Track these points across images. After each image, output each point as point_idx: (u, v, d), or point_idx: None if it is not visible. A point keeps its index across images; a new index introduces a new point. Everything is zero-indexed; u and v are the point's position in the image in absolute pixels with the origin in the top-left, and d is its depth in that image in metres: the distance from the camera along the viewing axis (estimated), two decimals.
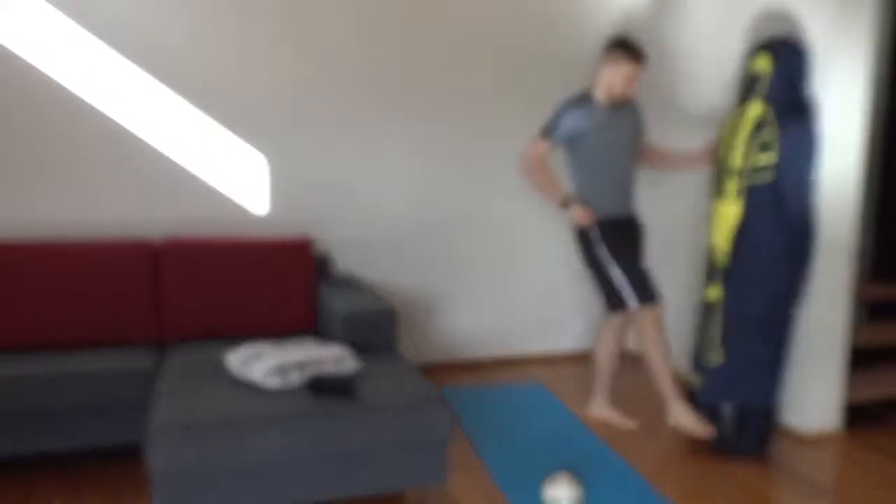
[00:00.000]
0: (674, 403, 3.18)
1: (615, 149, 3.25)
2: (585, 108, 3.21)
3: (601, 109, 3.22)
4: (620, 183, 3.29)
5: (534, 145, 3.27)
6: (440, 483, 2.53)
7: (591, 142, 3.21)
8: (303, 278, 3.48)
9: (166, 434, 2.18)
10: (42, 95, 3.43)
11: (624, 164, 3.29)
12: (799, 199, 3.00)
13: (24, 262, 3.12)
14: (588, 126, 3.19)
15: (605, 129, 3.21)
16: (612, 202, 3.27)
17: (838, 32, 3.07)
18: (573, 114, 3.20)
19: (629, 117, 3.31)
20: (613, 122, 3.24)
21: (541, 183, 3.26)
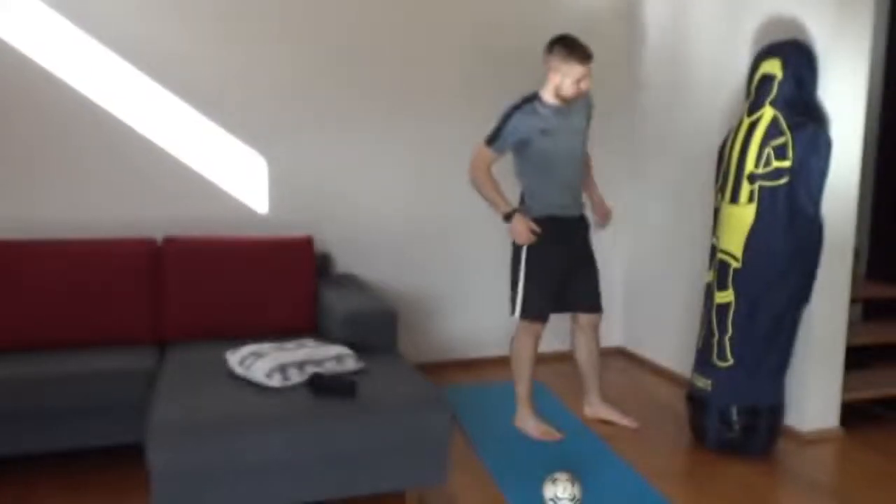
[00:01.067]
0: (521, 407, 3.28)
1: (564, 151, 3.13)
2: (531, 112, 3.06)
3: (549, 112, 3.08)
4: (570, 184, 3.20)
5: (478, 153, 3.13)
6: (440, 483, 2.53)
7: (538, 146, 3.08)
8: (303, 278, 3.48)
9: (166, 434, 2.18)
10: (42, 96, 3.42)
11: (574, 164, 3.18)
12: (812, 203, 3.01)
13: (25, 262, 3.12)
14: (535, 131, 3.05)
15: (552, 133, 3.08)
16: (559, 204, 3.18)
17: (837, 34, 3.07)
18: (518, 119, 3.05)
19: (580, 115, 3.18)
20: (562, 124, 3.10)
21: (487, 192, 3.11)
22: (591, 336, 3.39)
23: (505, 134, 3.07)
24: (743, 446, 3.08)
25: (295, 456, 2.31)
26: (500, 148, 3.10)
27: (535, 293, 3.15)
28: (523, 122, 3.05)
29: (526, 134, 3.06)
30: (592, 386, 3.45)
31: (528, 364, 3.26)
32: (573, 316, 3.39)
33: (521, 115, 3.06)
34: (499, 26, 4.13)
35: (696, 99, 3.91)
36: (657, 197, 4.28)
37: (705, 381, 3.16)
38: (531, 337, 3.23)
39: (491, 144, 3.10)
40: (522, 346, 3.25)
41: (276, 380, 2.53)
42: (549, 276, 3.17)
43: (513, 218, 3.06)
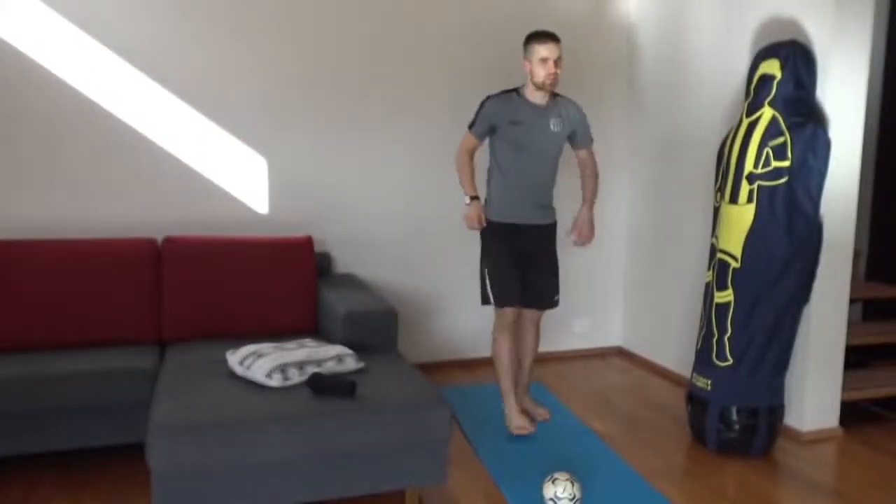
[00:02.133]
0: (507, 399, 3.30)
1: (532, 148, 3.18)
2: (506, 99, 3.19)
3: (523, 105, 3.18)
4: (531, 187, 3.23)
5: (464, 138, 3.27)
6: (440, 483, 2.53)
7: (505, 134, 3.18)
8: (303, 278, 3.48)
9: (166, 434, 2.18)
10: (42, 96, 3.42)
11: (538, 166, 3.22)
12: (811, 203, 3.01)
13: (25, 262, 3.12)
14: (504, 117, 3.16)
15: (522, 126, 3.16)
16: (514, 208, 3.24)
17: (837, 34, 3.07)
18: (491, 105, 3.19)
19: (557, 118, 3.21)
20: (535, 120, 3.17)
21: (461, 175, 3.25)
22: (531, 330, 3.43)
23: (480, 118, 3.21)
24: (743, 446, 3.09)
25: (295, 456, 2.31)
26: (478, 132, 3.23)
27: (498, 283, 3.25)
28: (495, 108, 3.18)
29: (495, 119, 3.18)
30: (521, 379, 3.45)
31: (508, 354, 3.29)
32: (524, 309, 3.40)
33: (494, 101, 3.20)
34: (499, 28, 4.13)
35: (696, 99, 3.91)
36: (656, 197, 4.28)
37: (705, 381, 3.16)
38: (506, 329, 3.28)
39: (471, 128, 3.24)
40: (496, 343, 3.30)
41: (276, 380, 2.53)
42: (507, 269, 3.26)
43: (471, 203, 3.20)
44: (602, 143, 4.46)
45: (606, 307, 4.63)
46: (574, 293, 4.52)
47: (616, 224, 4.58)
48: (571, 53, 4.33)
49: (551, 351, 4.51)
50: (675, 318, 4.13)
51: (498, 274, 3.24)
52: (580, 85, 4.36)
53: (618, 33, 4.41)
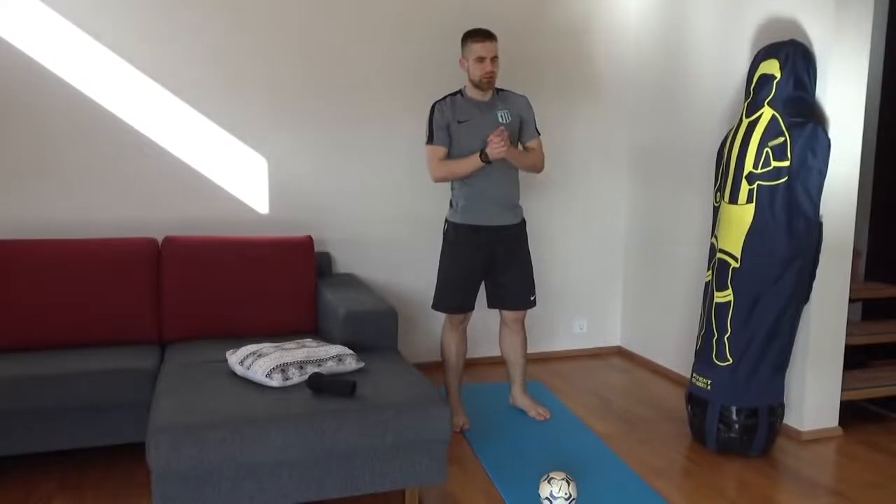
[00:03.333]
0: (452, 399, 3.37)
1: (477, 143, 3.12)
2: (451, 101, 3.20)
3: (467, 104, 3.18)
4: (492, 186, 3.19)
5: (427, 155, 3.22)
6: (440, 483, 2.53)
7: (456, 136, 3.17)
8: (303, 278, 3.48)
9: (166, 434, 2.18)
10: (43, 96, 3.43)
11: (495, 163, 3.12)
12: (811, 202, 3.01)
13: (26, 262, 3.12)
14: (452, 118, 3.16)
15: (468, 124, 3.15)
16: (477, 209, 3.21)
17: (837, 34, 3.07)
18: (438, 111, 3.18)
19: (504, 111, 3.20)
20: (480, 117, 3.17)
21: (455, 167, 3.15)
22: (515, 330, 3.44)
23: (435, 127, 3.19)
24: (742, 446, 3.09)
25: (295, 456, 2.31)
26: (440, 139, 3.18)
27: (446, 290, 3.30)
28: (441, 113, 3.18)
29: (445, 123, 3.17)
30: (515, 377, 3.51)
31: (449, 357, 3.36)
32: (500, 312, 3.43)
33: (439, 107, 3.20)
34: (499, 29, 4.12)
35: (696, 99, 3.92)
36: (656, 197, 4.28)
37: (705, 381, 3.16)
38: (450, 329, 3.36)
39: (431, 142, 3.20)
40: (443, 339, 3.39)
41: (276, 379, 2.53)
42: (461, 277, 3.27)
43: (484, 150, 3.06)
44: (602, 143, 4.48)
45: (606, 307, 4.64)
46: (574, 293, 4.53)
47: (616, 224, 4.58)
48: (572, 53, 4.33)
49: (551, 351, 4.52)
50: (675, 318, 4.13)
51: (446, 278, 3.29)
52: (580, 85, 4.37)
53: (618, 33, 4.41)
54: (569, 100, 4.37)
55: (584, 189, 4.47)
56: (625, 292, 4.62)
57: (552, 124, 4.32)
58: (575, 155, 4.43)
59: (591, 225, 4.52)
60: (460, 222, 3.25)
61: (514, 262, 3.32)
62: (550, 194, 4.37)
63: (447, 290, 3.30)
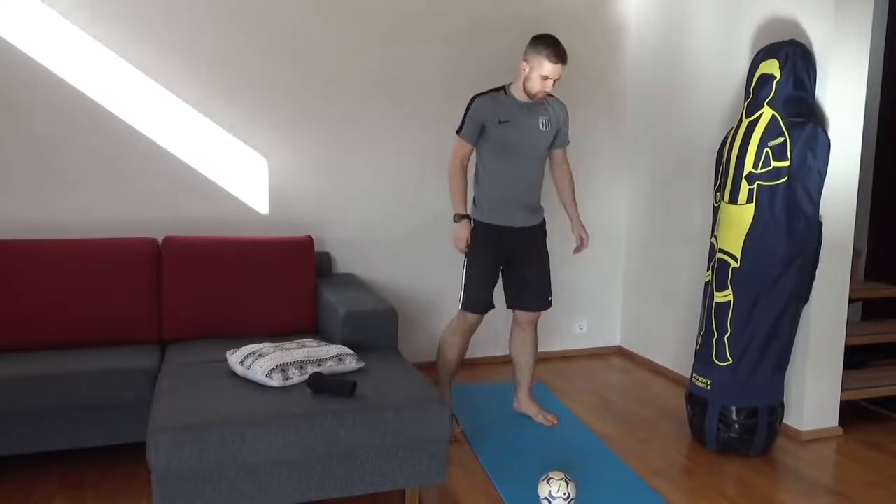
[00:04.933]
0: (444, 392, 3.33)
1: (521, 147, 3.11)
2: (494, 98, 3.11)
3: (512, 104, 3.10)
4: (519, 188, 3.17)
5: (456, 145, 3.16)
6: (440, 482, 2.53)
7: (494, 134, 3.09)
8: (303, 278, 3.48)
9: (166, 434, 2.18)
10: (43, 96, 3.43)
11: (527, 166, 3.15)
12: (811, 202, 3.01)
13: (26, 262, 3.12)
14: (492, 116, 3.07)
15: (511, 125, 3.08)
16: (502, 210, 3.17)
17: (837, 34, 3.07)
18: (479, 104, 3.09)
19: (545, 117, 3.17)
20: (523, 119, 3.10)
21: (454, 190, 3.15)
22: (529, 331, 3.39)
23: (468, 120, 3.11)
24: (742, 446, 3.09)
25: (295, 456, 2.31)
26: (469, 135, 3.12)
27: (470, 290, 3.22)
28: (483, 108, 3.09)
29: (484, 119, 3.08)
30: (522, 382, 3.45)
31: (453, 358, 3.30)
32: (513, 312, 3.39)
33: (481, 101, 3.11)
34: (498, 30, 4.13)
35: (695, 99, 3.92)
36: (656, 197, 4.28)
37: (705, 381, 3.16)
38: (462, 330, 3.28)
39: (460, 133, 3.14)
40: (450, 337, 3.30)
41: (276, 379, 2.53)
42: (482, 277, 3.22)
43: (460, 221, 3.14)
44: (602, 143, 4.48)
45: (606, 307, 4.64)
46: (574, 293, 4.53)
47: (616, 224, 4.59)
48: (572, 53, 4.33)
49: (551, 351, 4.52)
50: (675, 318, 4.13)
51: (473, 279, 3.21)
52: (580, 84, 4.37)
53: (618, 33, 4.41)
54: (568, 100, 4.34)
55: (584, 189, 4.47)
56: (625, 292, 4.62)
57: None
58: (575, 155, 4.42)
59: (591, 225, 4.52)
60: (486, 222, 3.19)
61: (535, 262, 3.29)
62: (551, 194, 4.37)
63: (479, 288, 3.21)
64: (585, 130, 4.42)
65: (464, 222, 3.14)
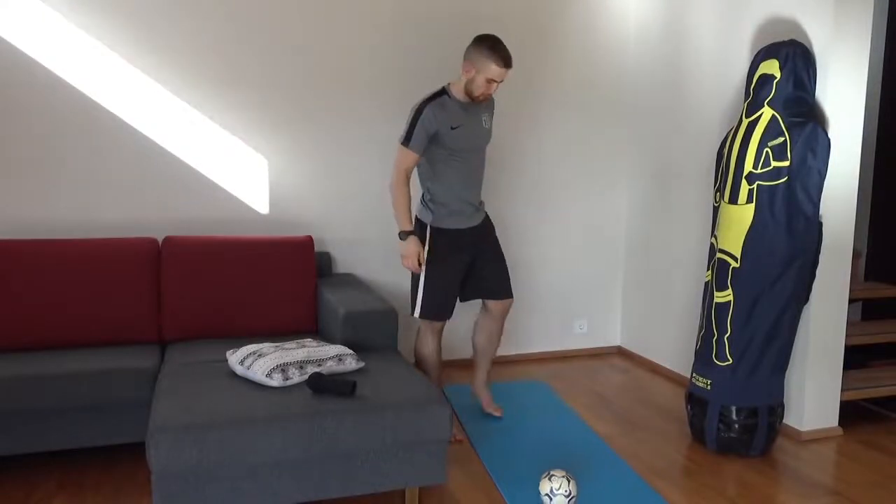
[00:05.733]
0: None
1: (470, 149, 3.12)
2: (441, 105, 3.02)
3: (457, 107, 3.05)
4: (470, 189, 3.17)
5: (400, 156, 3.04)
6: (440, 482, 2.53)
7: (446, 141, 3.03)
8: (303, 278, 3.48)
9: (166, 434, 2.18)
10: (42, 96, 3.42)
11: (475, 165, 3.17)
12: (811, 202, 3.01)
13: (25, 262, 3.12)
14: (444, 123, 3.01)
15: (461, 128, 3.05)
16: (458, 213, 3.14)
17: (837, 34, 3.07)
18: (430, 112, 2.99)
19: (486, 114, 3.17)
20: (469, 120, 3.09)
21: (399, 204, 3.05)
22: (498, 321, 3.38)
23: (418, 130, 3.00)
24: (742, 446, 3.09)
25: (295, 456, 2.31)
26: (418, 145, 3.01)
27: (434, 298, 3.18)
28: (435, 116, 3.00)
29: (437, 128, 3.01)
30: (482, 368, 3.48)
31: (432, 360, 3.29)
32: (483, 302, 3.36)
33: (431, 109, 3.00)
34: (499, 28, 4.13)
35: (696, 99, 3.92)
36: (656, 196, 4.28)
37: (705, 381, 3.16)
38: (432, 334, 3.27)
39: (408, 144, 3.01)
40: (423, 344, 3.29)
41: (276, 379, 2.53)
42: (449, 283, 3.20)
43: (408, 238, 3.08)
44: (601, 143, 4.48)
45: (606, 307, 4.64)
46: (574, 293, 4.53)
47: (616, 224, 4.58)
48: (571, 53, 4.33)
49: (551, 351, 4.52)
50: (675, 318, 4.13)
51: (436, 285, 3.16)
52: (579, 85, 4.37)
53: (617, 34, 4.41)
54: (568, 100, 4.37)
55: (583, 189, 4.47)
56: (625, 292, 4.62)
57: (552, 125, 4.33)
58: (575, 155, 4.43)
59: (591, 225, 4.52)
60: (445, 227, 3.14)
61: (494, 254, 3.32)
62: (551, 195, 4.37)
63: (438, 295, 3.18)
64: (585, 130, 4.42)
65: (412, 238, 3.07)
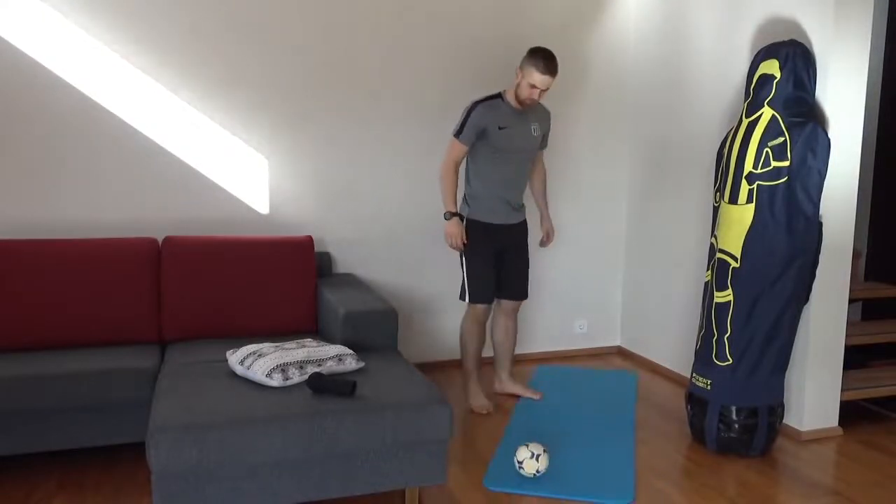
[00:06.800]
0: (470, 382, 3.59)
1: (515, 152, 3.38)
2: (493, 105, 3.33)
3: (508, 111, 3.35)
4: (509, 189, 3.43)
5: (451, 146, 3.36)
6: (440, 482, 2.53)
7: (493, 140, 3.33)
8: (303, 278, 3.48)
9: (166, 434, 2.18)
10: (43, 96, 3.43)
11: (518, 168, 3.43)
12: (811, 202, 3.01)
13: (26, 262, 3.12)
14: (493, 123, 3.31)
15: (508, 131, 3.34)
16: (493, 209, 3.43)
17: (837, 34, 3.07)
18: (481, 111, 3.31)
19: (536, 123, 3.44)
20: (518, 125, 3.37)
21: (446, 188, 3.36)
22: (513, 319, 3.66)
23: (469, 125, 3.32)
24: (742, 446, 3.09)
25: (295, 456, 2.31)
26: (467, 138, 3.33)
27: (478, 284, 3.48)
28: (485, 115, 3.31)
29: (486, 125, 3.31)
30: (504, 364, 3.72)
31: (476, 341, 3.55)
32: (499, 302, 3.64)
33: (483, 108, 3.32)
34: (499, 29, 4.13)
35: (696, 99, 3.92)
36: (656, 196, 4.28)
37: (705, 381, 3.16)
38: (473, 319, 3.53)
39: (458, 136, 3.34)
40: (465, 329, 3.56)
41: (276, 379, 2.53)
42: (487, 270, 3.48)
43: (452, 219, 3.38)
44: (602, 143, 4.48)
45: (606, 307, 4.64)
46: (574, 293, 4.53)
47: (616, 224, 4.59)
48: (572, 53, 4.33)
49: (551, 351, 4.52)
50: (675, 318, 4.13)
51: (476, 273, 3.46)
52: (580, 85, 4.37)
53: (618, 33, 4.41)
54: (569, 100, 4.37)
55: (584, 189, 4.48)
56: (625, 292, 4.62)
57: (552, 125, 4.32)
58: (575, 155, 4.43)
59: (591, 225, 4.53)
60: (482, 220, 3.44)
61: (519, 256, 3.56)
62: (551, 195, 4.37)
63: (480, 279, 3.46)
64: (586, 131, 4.43)
65: (455, 220, 3.38)
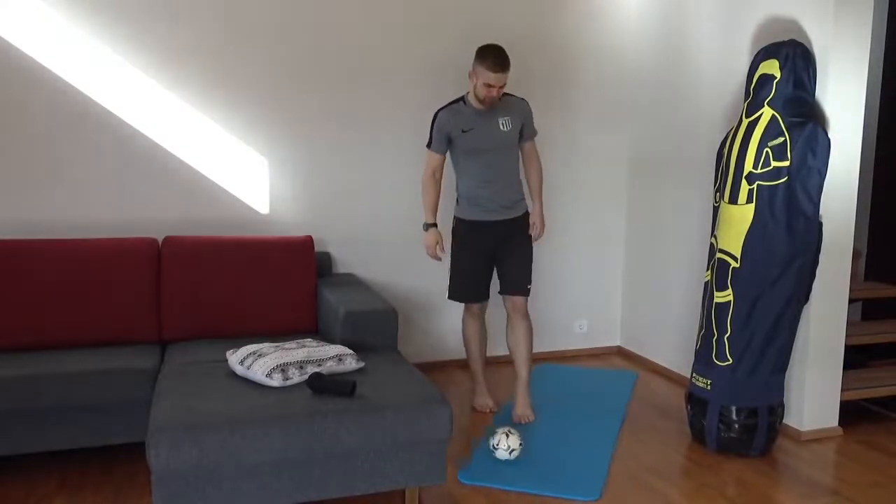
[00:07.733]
0: (474, 382, 3.63)
1: (485, 151, 3.31)
2: (455, 110, 3.32)
3: (470, 112, 3.31)
4: (495, 186, 3.35)
5: (427, 158, 3.40)
6: (440, 482, 2.53)
7: (459, 143, 3.32)
8: (303, 278, 3.48)
9: (166, 434, 2.18)
10: (42, 96, 3.42)
11: (498, 165, 3.35)
12: (811, 202, 3.01)
13: (25, 262, 3.12)
14: (455, 127, 3.29)
15: (472, 132, 3.29)
16: (481, 207, 3.37)
17: (837, 34, 3.07)
18: (442, 118, 3.32)
19: (507, 117, 3.33)
20: (483, 124, 3.30)
21: (426, 200, 3.41)
22: (517, 319, 3.45)
23: (435, 133, 3.34)
24: (742, 446, 3.09)
25: (295, 456, 2.31)
26: (437, 147, 3.36)
27: (458, 281, 3.50)
28: (447, 121, 3.31)
29: (448, 131, 3.31)
30: (517, 368, 3.47)
31: (473, 341, 3.56)
32: (504, 299, 3.50)
33: (444, 115, 3.33)
34: (499, 29, 4.13)
35: (696, 99, 3.92)
36: (656, 196, 4.28)
37: (705, 381, 3.16)
38: (468, 316, 3.56)
39: (429, 146, 3.38)
40: (464, 327, 3.59)
41: (276, 379, 2.53)
42: (471, 268, 3.46)
43: (429, 230, 3.41)
44: (602, 143, 4.48)
45: (606, 307, 4.64)
46: (574, 293, 4.53)
47: (616, 224, 4.58)
48: (572, 53, 4.33)
49: (551, 351, 4.52)
50: (675, 318, 4.13)
51: (457, 271, 3.48)
52: (580, 85, 4.37)
53: (618, 33, 4.41)
54: (569, 100, 4.37)
55: (584, 189, 4.47)
56: (624, 292, 4.62)
57: (552, 125, 4.32)
58: (575, 155, 4.43)
59: (591, 225, 4.52)
60: (465, 218, 3.43)
61: (516, 252, 3.45)
62: (551, 194, 4.37)
63: (461, 280, 3.48)
64: (586, 131, 4.42)
65: (433, 230, 3.41)
